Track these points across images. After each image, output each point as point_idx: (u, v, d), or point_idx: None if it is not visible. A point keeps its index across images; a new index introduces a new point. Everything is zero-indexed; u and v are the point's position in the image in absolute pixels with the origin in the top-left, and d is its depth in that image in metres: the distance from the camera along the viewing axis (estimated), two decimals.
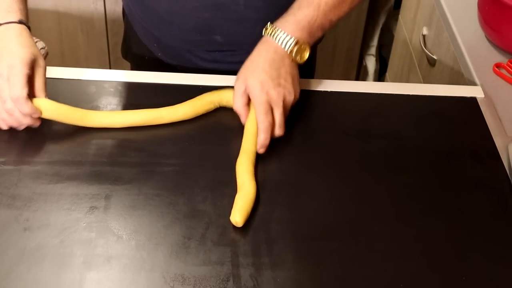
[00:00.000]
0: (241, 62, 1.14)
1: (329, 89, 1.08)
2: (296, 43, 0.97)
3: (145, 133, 0.97)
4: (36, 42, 1.80)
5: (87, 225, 0.83)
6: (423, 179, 0.94)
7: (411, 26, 1.81)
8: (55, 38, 2.14)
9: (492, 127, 1.03)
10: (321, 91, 1.08)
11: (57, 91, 1.04)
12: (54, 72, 1.08)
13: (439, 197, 0.91)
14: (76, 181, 0.89)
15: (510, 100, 1.16)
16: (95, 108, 1.01)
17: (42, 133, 0.96)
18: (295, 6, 1.00)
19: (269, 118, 0.93)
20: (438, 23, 1.54)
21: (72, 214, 0.85)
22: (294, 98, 0.98)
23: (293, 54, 0.97)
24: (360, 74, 2.39)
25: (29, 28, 0.97)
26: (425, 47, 1.61)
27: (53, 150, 0.94)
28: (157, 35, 1.15)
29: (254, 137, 0.94)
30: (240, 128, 0.97)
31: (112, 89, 1.05)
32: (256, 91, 0.94)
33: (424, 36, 1.64)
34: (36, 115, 0.93)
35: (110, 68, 2.21)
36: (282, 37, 0.97)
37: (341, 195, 0.91)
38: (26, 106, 0.91)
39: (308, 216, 0.87)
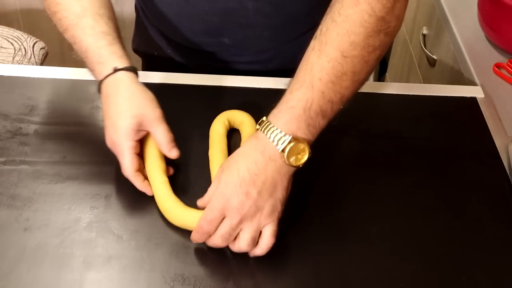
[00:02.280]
0: (249, 62, 1.13)
1: None
2: (290, 142, 0.77)
3: None
4: (36, 42, 1.81)
5: (87, 225, 0.84)
6: (423, 179, 0.94)
7: (411, 26, 1.81)
8: (55, 38, 2.14)
9: (492, 127, 1.03)
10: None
11: (57, 91, 1.04)
12: (54, 72, 1.08)
13: (439, 197, 0.91)
14: (76, 181, 0.89)
15: (510, 100, 1.16)
16: (95, 108, 1.01)
17: (42, 133, 0.96)
18: (287, 90, 0.81)
19: (209, 228, 0.78)
20: (438, 23, 1.54)
21: (72, 214, 0.85)
22: (265, 216, 0.78)
23: (285, 156, 0.78)
24: None
25: (136, 72, 0.90)
26: (425, 47, 1.61)
27: (53, 150, 0.94)
28: (166, 34, 1.15)
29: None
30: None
31: None
32: (217, 193, 0.79)
33: (424, 36, 1.64)
34: (148, 193, 0.86)
35: None
36: (274, 134, 0.78)
37: (341, 195, 0.91)
38: (138, 184, 0.86)
39: (308, 216, 0.87)
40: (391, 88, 1.12)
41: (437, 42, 1.54)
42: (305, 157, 0.79)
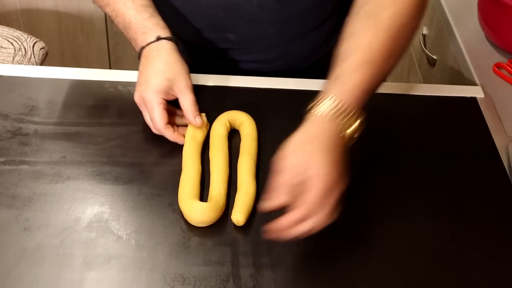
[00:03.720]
0: (254, 61, 1.13)
1: None
2: (352, 123, 0.80)
3: (145, 133, 0.97)
4: (36, 42, 1.81)
5: (87, 225, 0.84)
6: (423, 179, 0.94)
7: None
8: (55, 38, 2.14)
9: (492, 127, 1.03)
10: (321, 91, 1.07)
11: (57, 91, 1.04)
12: (54, 72, 1.08)
13: (439, 197, 0.91)
14: (76, 181, 0.89)
15: (510, 100, 1.16)
16: (95, 108, 1.01)
17: (42, 133, 0.96)
18: (347, 67, 0.82)
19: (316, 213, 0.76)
20: (438, 23, 1.54)
21: (72, 214, 0.85)
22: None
23: (346, 137, 0.80)
24: None
25: (176, 43, 0.98)
26: (425, 47, 1.61)
27: (53, 150, 0.94)
28: (172, 31, 1.15)
29: (255, 139, 0.94)
30: None
31: (112, 89, 1.05)
32: (321, 177, 0.75)
33: (424, 36, 1.64)
34: (180, 142, 0.94)
35: (110, 68, 2.21)
36: (341, 117, 0.80)
37: (340, 195, 0.90)
38: (169, 135, 0.94)
39: None
40: (391, 88, 1.12)
41: (437, 42, 1.54)
42: (356, 124, 0.81)
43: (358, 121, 0.81)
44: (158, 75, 0.93)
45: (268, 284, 0.78)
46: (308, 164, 0.75)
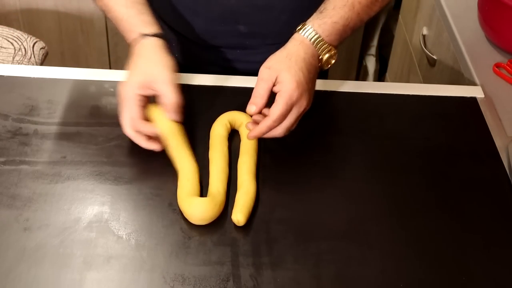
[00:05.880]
0: (261, 62, 1.13)
1: (329, 89, 1.08)
2: (330, 50, 0.94)
3: None
4: (36, 42, 1.81)
5: (87, 225, 0.84)
6: (423, 179, 0.94)
7: (411, 26, 1.81)
8: (55, 38, 2.14)
9: (492, 127, 1.03)
10: (321, 91, 1.07)
11: (57, 91, 1.04)
12: (54, 72, 1.08)
13: (439, 197, 0.91)
14: (76, 181, 0.89)
15: (510, 100, 1.16)
16: (95, 108, 1.01)
17: (42, 133, 0.96)
18: (329, 5, 0.97)
19: (284, 120, 0.90)
20: (438, 23, 1.54)
21: (72, 214, 0.85)
22: (308, 107, 0.94)
23: (323, 61, 0.95)
24: (360, 74, 2.39)
25: (162, 37, 0.97)
26: (425, 47, 1.61)
27: (53, 150, 0.94)
28: (177, 31, 1.14)
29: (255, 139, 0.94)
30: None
31: (112, 89, 1.05)
32: (290, 89, 0.89)
33: (424, 36, 1.64)
34: (156, 149, 0.92)
35: (110, 68, 2.21)
36: (320, 43, 0.94)
37: (341, 195, 0.91)
38: (143, 126, 0.91)
39: (308, 216, 0.87)
40: (391, 88, 1.12)
41: (437, 42, 1.54)
42: (333, 61, 0.96)
43: (334, 51, 0.95)
44: (134, 72, 0.93)
45: (268, 284, 0.78)
46: (280, 79, 0.90)
